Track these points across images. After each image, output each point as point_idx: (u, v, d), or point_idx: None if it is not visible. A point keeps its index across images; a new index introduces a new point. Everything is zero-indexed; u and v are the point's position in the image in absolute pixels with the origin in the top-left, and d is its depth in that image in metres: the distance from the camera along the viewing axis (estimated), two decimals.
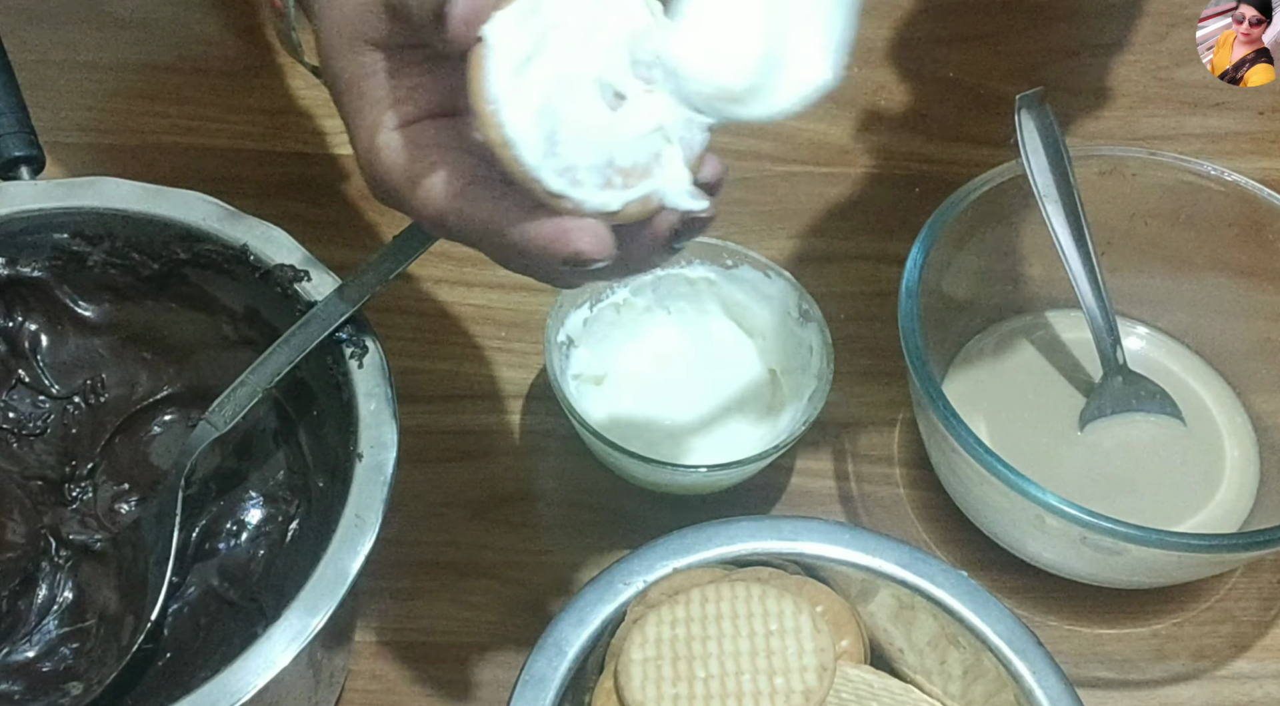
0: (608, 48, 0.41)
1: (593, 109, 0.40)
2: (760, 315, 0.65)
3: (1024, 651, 0.51)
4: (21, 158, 0.57)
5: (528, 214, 0.40)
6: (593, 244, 0.40)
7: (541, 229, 0.40)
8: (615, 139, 0.40)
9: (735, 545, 0.54)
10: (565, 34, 0.40)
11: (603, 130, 0.40)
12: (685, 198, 0.41)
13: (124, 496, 0.58)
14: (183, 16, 0.80)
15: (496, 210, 0.41)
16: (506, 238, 0.41)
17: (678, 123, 0.41)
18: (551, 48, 0.40)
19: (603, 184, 0.40)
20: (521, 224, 0.40)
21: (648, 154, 0.41)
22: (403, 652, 0.59)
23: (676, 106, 0.41)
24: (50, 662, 0.54)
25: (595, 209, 0.40)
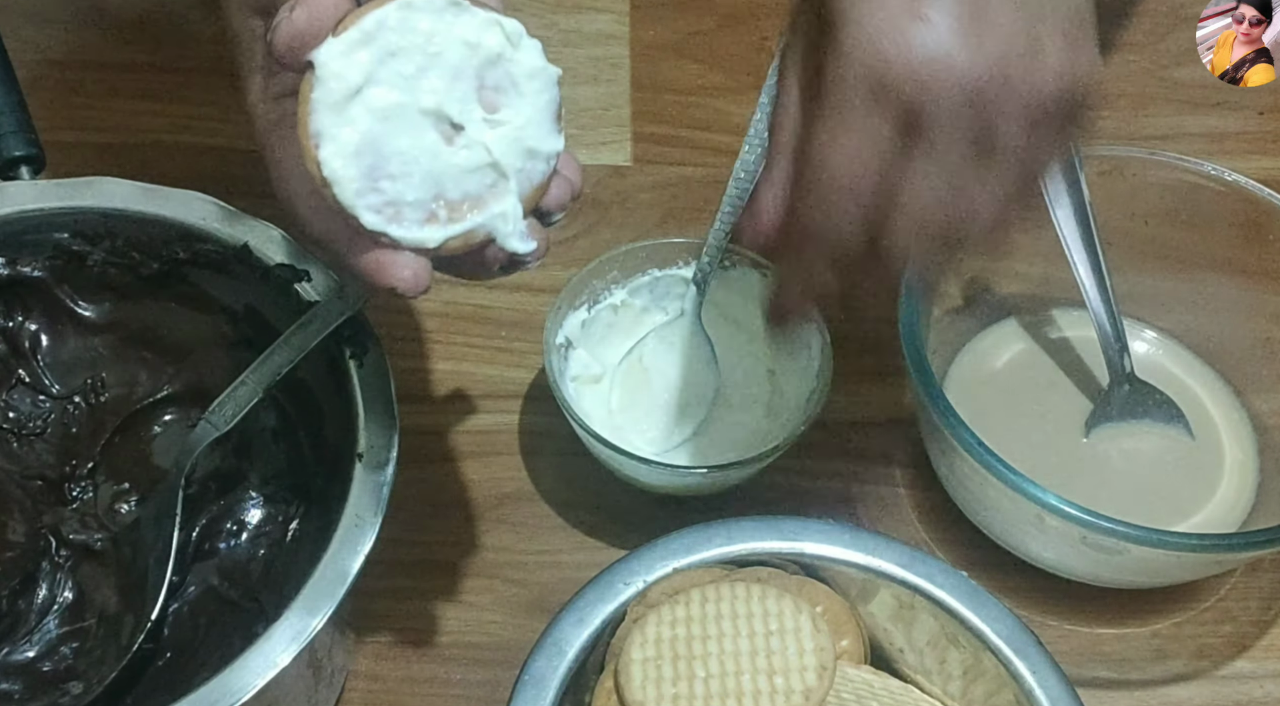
0: (450, 75, 0.40)
1: (422, 142, 0.40)
2: (759, 315, 0.65)
3: (1024, 651, 0.51)
4: (21, 157, 0.57)
5: (352, 240, 0.41)
6: (406, 280, 0.41)
7: (363, 260, 0.41)
8: (444, 172, 0.40)
9: (735, 545, 0.54)
10: (402, 63, 0.40)
11: (430, 163, 0.40)
12: (514, 239, 0.42)
13: (124, 496, 0.58)
14: (183, 16, 0.80)
15: (331, 228, 0.42)
16: (337, 258, 0.42)
17: (517, 153, 0.41)
18: (385, 78, 0.39)
19: (425, 218, 0.41)
20: (347, 251, 0.41)
21: (480, 185, 0.41)
22: (403, 652, 0.59)
23: (517, 137, 0.41)
24: (50, 662, 0.54)
25: (412, 245, 0.40)
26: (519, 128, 0.41)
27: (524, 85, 0.41)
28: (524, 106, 0.41)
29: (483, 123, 0.41)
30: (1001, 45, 0.42)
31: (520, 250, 0.42)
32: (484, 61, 0.41)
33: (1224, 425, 0.65)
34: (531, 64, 0.41)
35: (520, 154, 0.41)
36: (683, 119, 0.77)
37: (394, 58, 0.39)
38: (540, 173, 0.42)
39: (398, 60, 0.39)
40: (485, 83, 0.41)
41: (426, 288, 0.41)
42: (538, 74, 0.41)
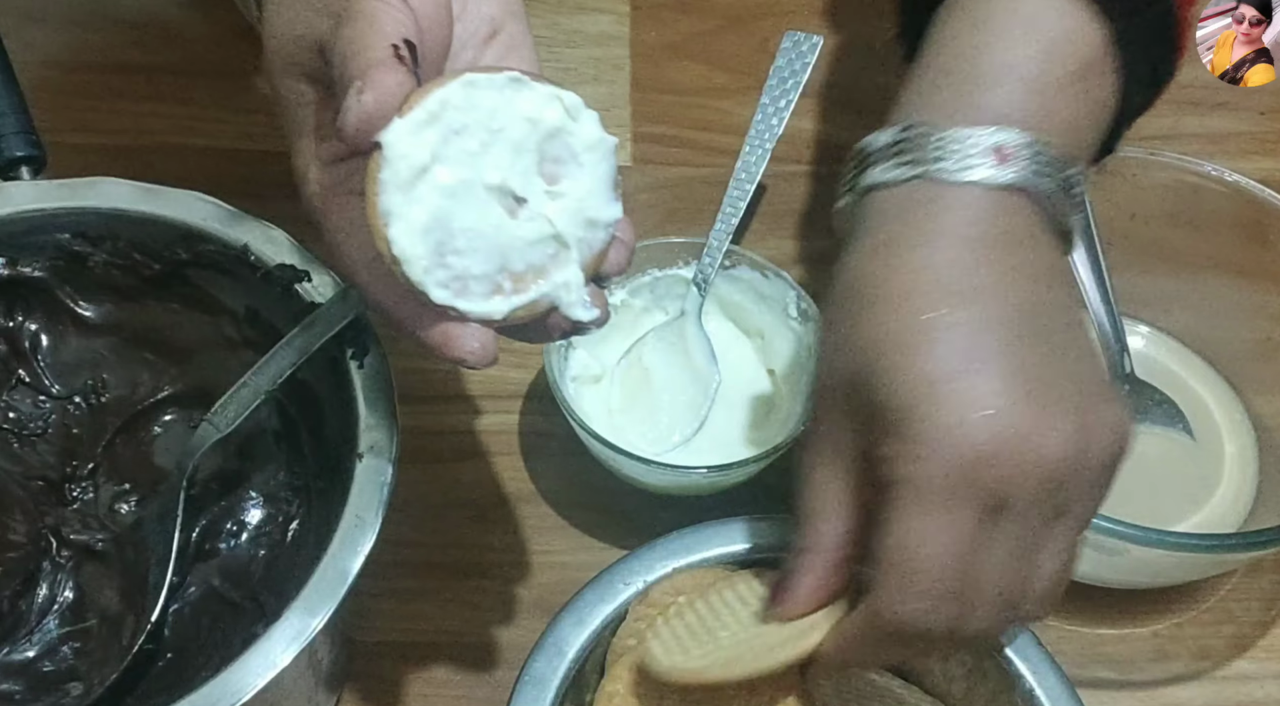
0: (512, 150, 0.41)
1: (488, 217, 0.41)
2: (759, 315, 0.65)
3: (1024, 652, 0.51)
4: (22, 158, 0.58)
5: (418, 313, 0.42)
6: (475, 352, 0.41)
7: (430, 333, 0.42)
8: (509, 245, 0.41)
9: (735, 545, 0.54)
10: (467, 140, 0.40)
11: (496, 237, 0.41)
12: (576, 308, 0.42)
13: (125, 496, 0.58)
14: (183, 16, 0.80)
15: (393, 302, 0.42)
16: (402, 327, 0.42)
17: (577, 224, 0.42)
18: (451, 156, 0.40)
19: (491, 291, 0.41)
20: (412, 324, 0.42)
21: (543, 256, 0.42)
22: (403, 652, 0.59)
23: (578, 209, 0.42)
24: (51, 662, 0.54)
25: (479, 317, 0.41)
26: (579, 199, 0.42)
27: (583, 156, 0.42)
28: (584, 177, 0.42)
29: (544, 195, 0.42)
30: (1071, 421, 0.43)
31: (584, 318, 0.43)
32: (544, 135, 0.41)
33: (1224, 425, 0.65)
34: (590, 136, 0.42)
35: (581, 224, 0.42)
36: (683, 119, 0.77)
37: (458, 135, 0.40)
38: (600, 240, 0.43)
39: (462, 138, 0.40)
40: (546, 155, 0.42)
41: (494, 359, 0.42)
42: (596, 145, 0.42)
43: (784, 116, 0.67)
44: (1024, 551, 0.44)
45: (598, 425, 0.60)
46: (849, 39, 0.80)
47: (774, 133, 0.67)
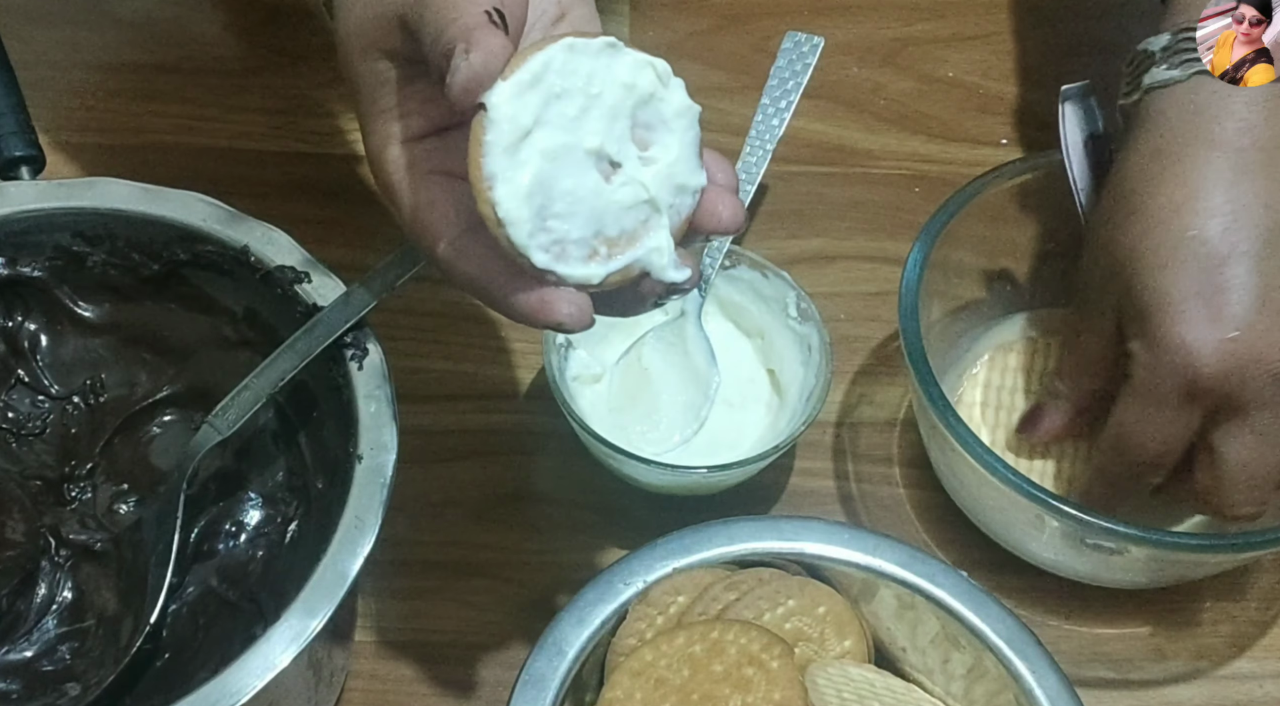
0: (609, 115, 0.41)
1: (586, 181, 0.41)
2: (759, 315, 0.65)
3: (1024, 651, 0.51)
4: (21, 158, 0.57)
5: (513, 279, 0.42)
6: (573, 315, 0.41)
7: (526, 299, 0.42)
8: (605, 210, 0.41)
9: (735, 545, 0.54)
10: (566, 104, 0.41)
11: (594, 202, 0.41)
12: (668, 270, 0.42)
13: (123, 496, 0.58)
14: (183, 16, 0.80)
15: (483, 271, 0.42)
16: (493, 297, 0.42)
17: (668, 189, 0.42)
18: (552, 119, 0.40)
19: (588, 255, 0.41)
20: (505, 290, 0.42)
21: (635, 222, 0.42)
22: (403, 652, 0.59)
23: (669, 174, 0.42)
24: (49, 662, 0.54)
25: (578, 282, 0.41)
26: (670, 165, 0.42)
27: (673, 122, 0.43)
28: (673, 143, 0.42)
29: (637, 161, 0.42)
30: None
31: (677, 279, 0.43)
32: (638, 101, 0.42)
33: None
34: (680, 102, 0.43)
35: (671, 190, 0.42)
36: None
37: (559, 99, 0.40)
38: (687, 206, 0.43)
39: (562, 102, 0.41)
40: (638, 121, 0.42)
41: (591, 322, 0.42)
42: (685, 112, 0.43)
43: (785, 117, 0.67)
44: (1272, 440, 0.52)
45: (598, 425, 0.60)
46: (849, 39, 0.80)
47: (774, 133, 0.67)
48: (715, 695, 0.50)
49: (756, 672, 0.50)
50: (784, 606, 0.53)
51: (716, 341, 0.64)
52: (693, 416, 0.63)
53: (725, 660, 0.50)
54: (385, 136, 0.44)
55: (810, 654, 0.53)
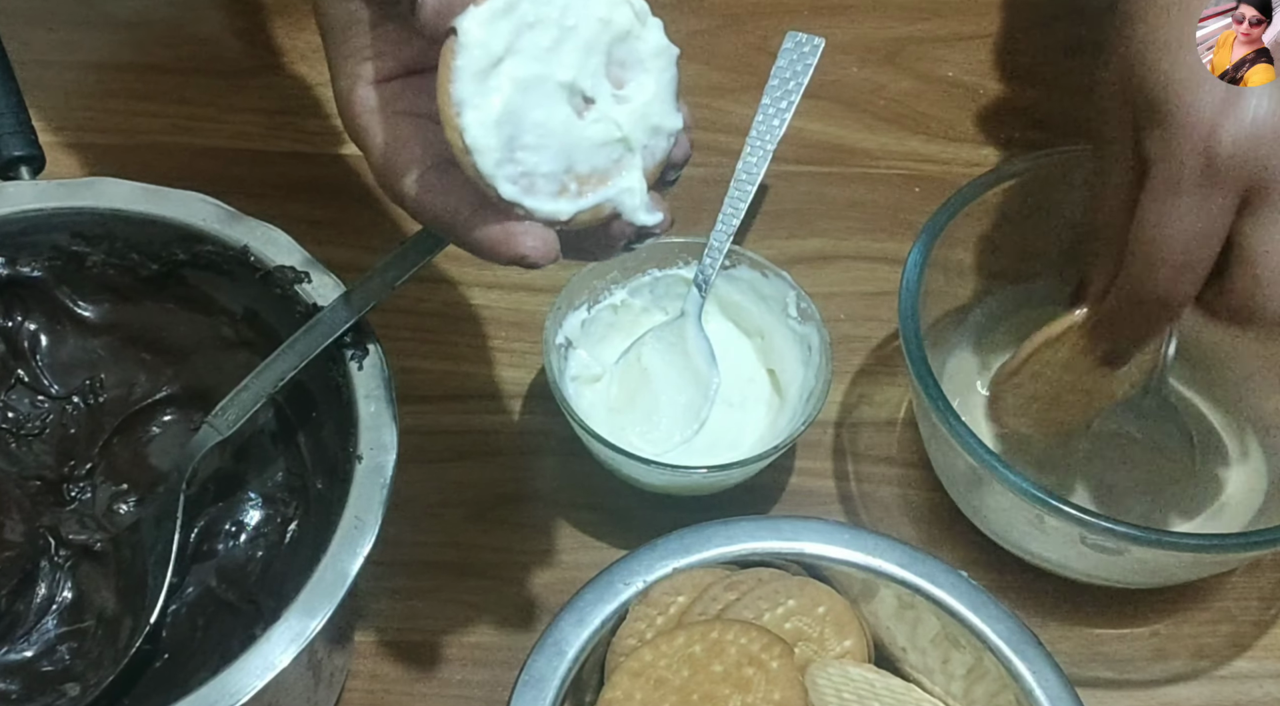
0: (583, 49, 0.41)
1: (557, 115, 0.40)
2: (759, 315, 0.65)
3: (1024, 651, 0.51)
4: (21, 158, 0.57)
5: (477, 213, 0.41)
6: (537, 249, 0.41)
7: (489, 231, 0.41)
8: (576, 145, 0.41)
9: (735, 545, 0.54)
10: (539, 35, 0.40)
11: (565, 136, 0.41)
12: (640, 212, 0.42)
13: (122, 497, 0.58)
14: (182, 16, 0.80)
15: (449, 205, 0.42)
16: (456, 232, 0.42)
17: (643, 130, 0.42)
18: (524, 49, 0.40)
19: (557, 191, 0.41)
20: (470, 224, 0.41)
21: (607, 160, 0.41)
22: (403, 652, 0.59)
23: (644, 114, 0.42)
24: (48, 662, 0.54)
25: (546, 217, 0.41)
26: (645, 104, 0.42)
27: (649, 62, 0.42)
28: (649, 83, 0.42)
29: (611, 98, 0.41)
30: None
31: (649, 222, 0.42)
32: (614, 38, 0.41)
33: (1224, 425, 0.65)
34: (657, 42, 0.42)
35: (646, 130, 0.42)
36: None
37: (532, 29, 0.40)
38: (662, 150, 0.43)
39: (535, 32, 0.40)
40: (613, 59, 0.41)
41: (556, 257, 0.41)
42: (662, 52, 0.42)
43: (785, 117, 0.67)
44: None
45: (597, 425, 0.60)
46: (849, 39, 0.80)
47: (775, 134, 0.67)
48: (715, 695, 0.50)
49: (756, 673, 0.50)
50: (784, 606, 0.53)
51: (716, 341, 0.64)
52: (692, 417, 0.63)
53: (725, 660, 0.50)
54: (354, 77, 0.44)
55: (810, 654, 0.53)
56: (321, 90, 0.76)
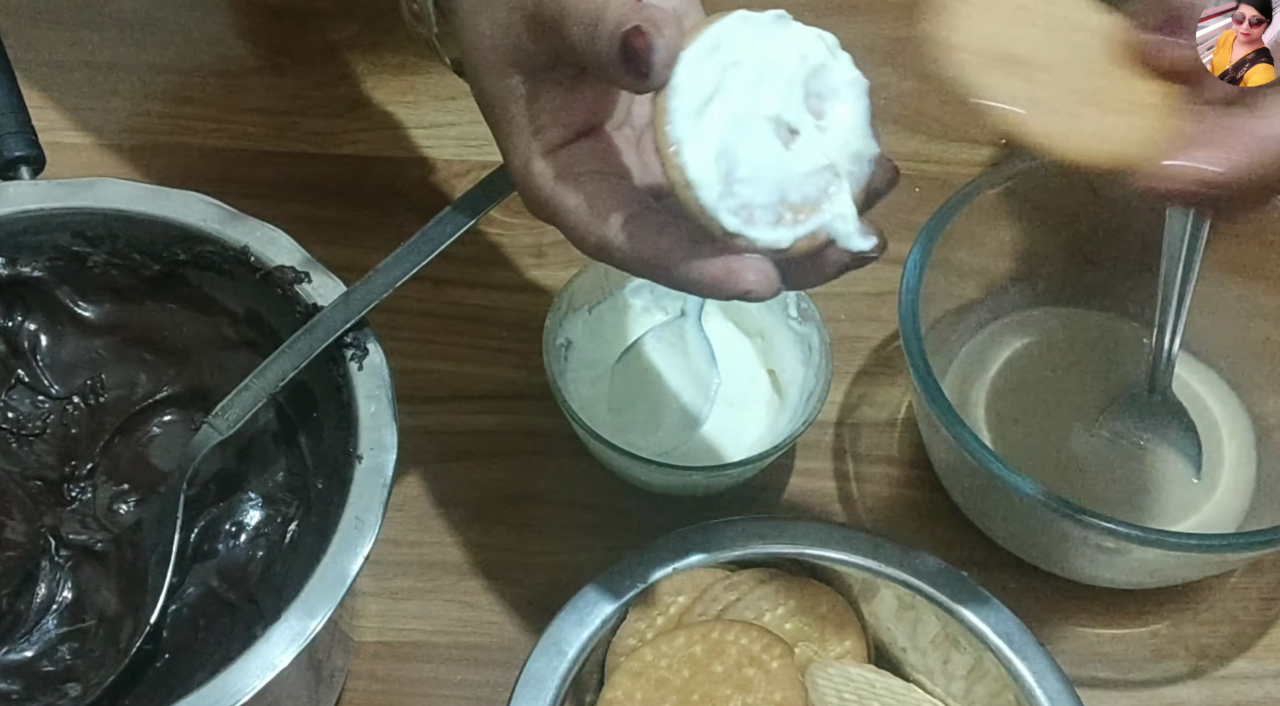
0: (784, 84, 0.42)
1: (767, 147, 0.42)
2: (759, 315, 0.65)
3: (1024, 651, 0.51)
4: (22, 158, 0.57)
5: (694, 250, 0.42)
6: (760, 282, 0.41)
7: (711, 268, 0.41)
8: (788, 176, 0.42)
9: (735, 545, 0.54)
10: (743, 72, 0.41)
11: (776, 168, 0.42)
12: (855, 237, 0.43)
13: (123, 497, 0.58)
14: (183, 17, 0.80)
15: (662, 246, 0.42)
16: (673, 273, 0.42)
17: (846, 157, 0.43)
18: (730, 87, 0.41)
19: (774, 220, 0.42)
20: (690, 261, 0.42)
21: (817, 189, 0.42)
22: (403, 652, 0.59)
23: (845, 141, 0.43)
24: (49, 662, 0.54)
25: (767, 246, 0.42)
26: (845, 132, 0.43)
27: (843, 92, 0.43)
28: (846, 112, 0.43)
29: (814, 128, 0.42)
30: None
31: (864, 247, 0.43)
32: (810, 71, 0.42)
33: (1224, 425, 0.65)
34: (849, 73, 0.43)
35: (849, 157, 0.43)
36: None
37: (736, 67, 0.41)
38: (864, 175, 0.44)
39: (739, 70, 0.41)
40: (810, 91, 0.43)
41: (779, 289, 0.42)
42: (855, 82, 0.43)
43: None
44: None
45: (598, 425, 0.60)
46: (849, 39, 0.80)
47: None
48: (716, 695, 0.50)
49: (757, 673, 0.50)
50: (784, 606, 0.53)
51: (716, 341, 0.64)
52: (693, 417, 0.63)
53: (726, 660, 0.50)
54: (528, 153, 0.44)
55: (810, 654, 0.53)
56: (323, 91, 0.76)
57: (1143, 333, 0.67)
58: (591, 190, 0.43)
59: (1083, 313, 0.68)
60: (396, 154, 0.74)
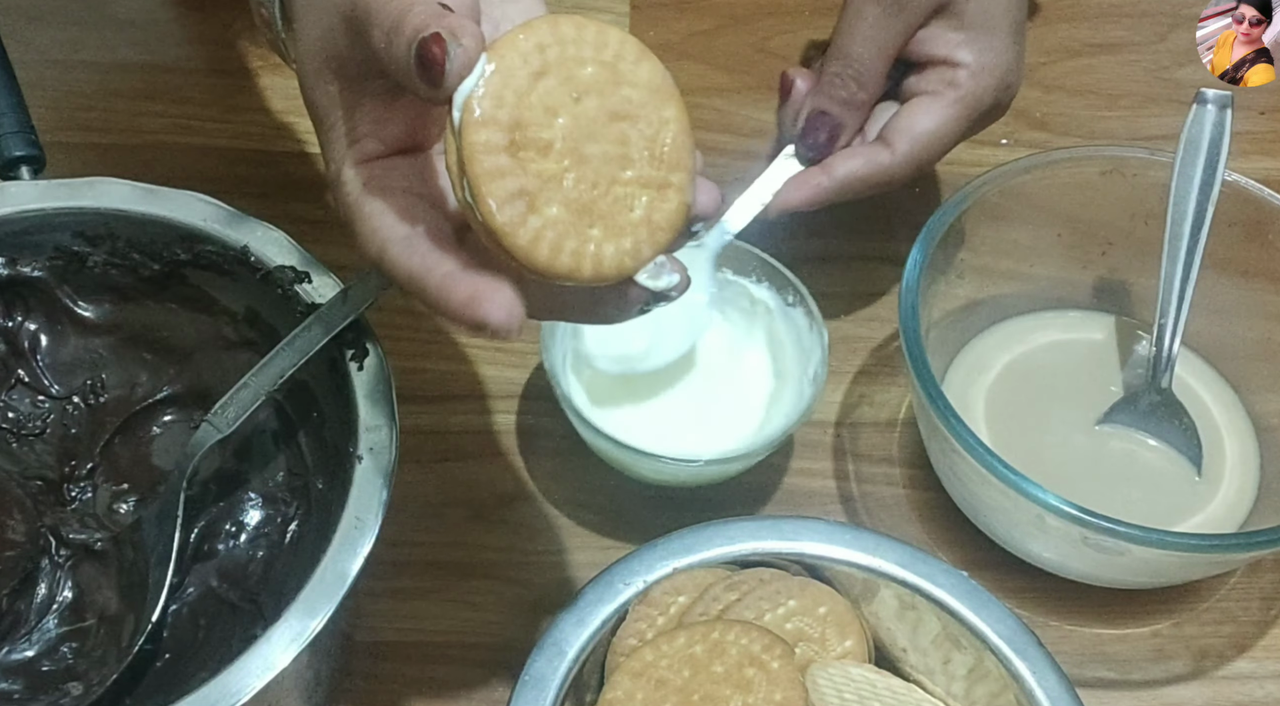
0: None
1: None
2: (760, 312, 0.65)
3: (1025, 651, 0.51)
4: (22, 157, 0.57)
5: (456, 271, 0.41)
6: (502, 315, 0.40)
7: (460, 288, 0.40)
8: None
9: (735, 545, 0.54)
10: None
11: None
12: (645, 275, 0.42)
13: (123, 496, 0.58)
14: (183, 17, 0.80)
15: (428, 263, 0.41)
16: (428, 290, 0.41)
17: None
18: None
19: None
20: (446, 279, 0.41)
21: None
22: (403, 652, 0.59)
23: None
24: (50, 662, 0.54)
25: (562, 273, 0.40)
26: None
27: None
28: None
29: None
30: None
31: (656, 287, 0.42)
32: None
33: (1224, 425, 0.65)
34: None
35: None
36: None
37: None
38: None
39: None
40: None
41: (517, 328, 0.40)
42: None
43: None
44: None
45: (597, 421, 0.59)
46: None
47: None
48: (716, 695, 0.50)
49: (757, 673, 0.50)
50: (785, 606, 0.53)
51: (717, 339, 0.64)
52: (683, 336, 0.62)
53: (726, 660, 0.50)
54: (341, 159, 0.44)
55: (811, 654, 0.53)
56: None
57: (1143, 332, 0.67)
58: (389, 203, 0.43)
59: (1083, 312, 0.68)
60: None
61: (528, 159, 0.40)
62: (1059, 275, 0.67)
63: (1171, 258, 0.62)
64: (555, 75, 0.40)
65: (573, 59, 0.40)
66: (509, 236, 0.40)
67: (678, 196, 0.42)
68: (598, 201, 0.41)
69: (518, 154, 0.40)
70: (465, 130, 0.39)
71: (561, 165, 0.40)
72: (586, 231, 0.41)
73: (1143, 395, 0.64)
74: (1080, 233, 0.66)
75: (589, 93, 0.41)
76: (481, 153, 0.39)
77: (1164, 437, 0.64)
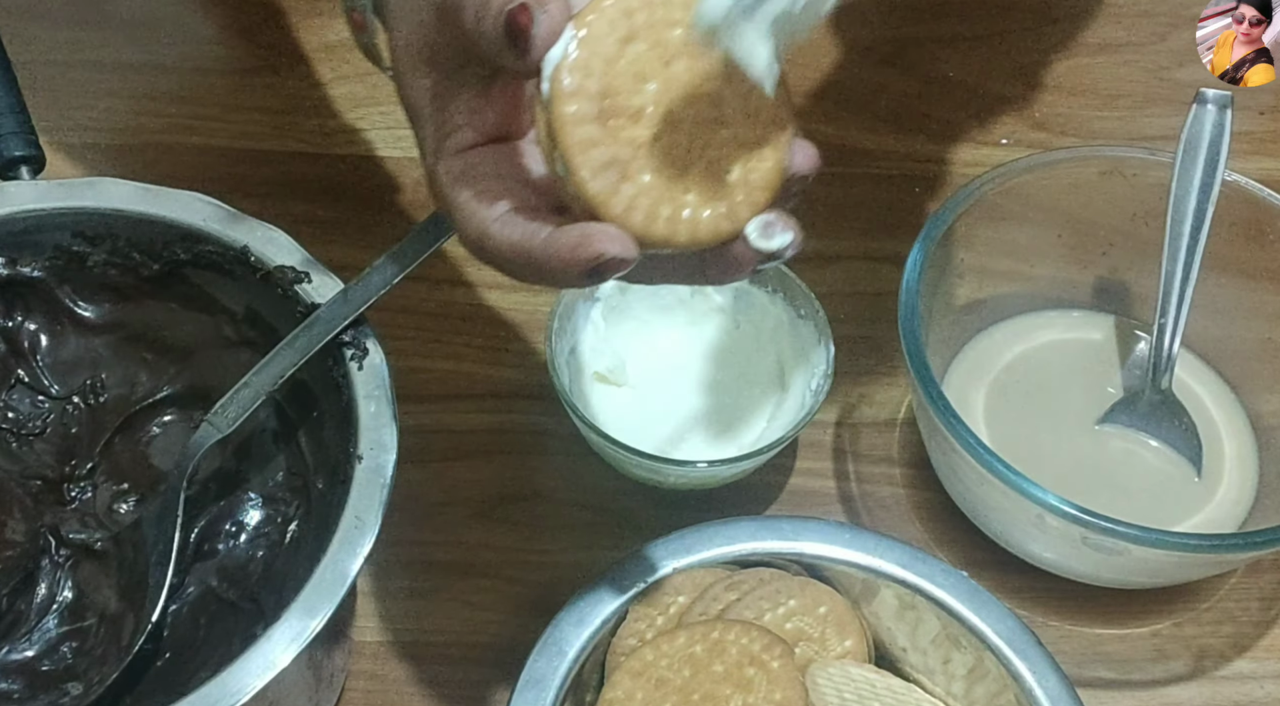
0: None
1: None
2: (761, 313, 0.65)
3: (1024, 651, 0.51)
4: (22, 158, 0.57)
5: (551, 233, 0.41)
6: (618, 247, 0.39)
7: (567, 235, 0.40)
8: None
9: (735, 545, 0.54)
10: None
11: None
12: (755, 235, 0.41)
13: (123, 496, 0.58)
14: (183, 16, 0.80)
15: (529, 230, 0.41)
16: (534, 252, 0.41)
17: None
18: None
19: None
20: (550, 236, 0.41)
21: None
22: (403, 652, 0.59)
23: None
24: (50, 662, 0.54)
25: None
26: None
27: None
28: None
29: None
30: None
31: (767, 247, 0.42)
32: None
33: (1224, 425, 0.65)
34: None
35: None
36: None
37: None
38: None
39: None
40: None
41: (635, 256, 0.40)
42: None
43: None
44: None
45: (599, 421, 0.60)
46: (849, 39, 0.80)
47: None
48: (716, 695, 0.50)
49: (757, 673, 0.50)
50: (785, 606, 0.53)
51: (718, 340, 0.64)
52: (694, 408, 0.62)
53: (726, 660, 0.50)
54: (437, 151, 0.44)
55: (811, 654, 0.53)
56: (323, 90, 0.76)
57: (1142, 333, 0.67)
58: (483, 187, 0.43)
59: (1083, 312, 0.68)
60: (396, 154, 0.74)
61: (619, 127, 0.40)
62: (1059, 275, 0.67)
63: (1171, 258, 0.62)
64: (644, 39, 0.40)
65: (661, 22, 0.40)
66: (603, 206, 0.40)
67: (774, 155, 0.42)
68: (692, 165, 0.40)
69: (608, 122, 0.39)
70: (555, 101, 0.39)
71: (653, 131, 0.40)
72: (681, 197, 0.40)
73: (1142, 395, 0.64)
74: (1080, 233, 0.66)
75: (680, 56, 0.40)
76: (572, 124, 0.39)
77: (1164, 438, 0.64)
